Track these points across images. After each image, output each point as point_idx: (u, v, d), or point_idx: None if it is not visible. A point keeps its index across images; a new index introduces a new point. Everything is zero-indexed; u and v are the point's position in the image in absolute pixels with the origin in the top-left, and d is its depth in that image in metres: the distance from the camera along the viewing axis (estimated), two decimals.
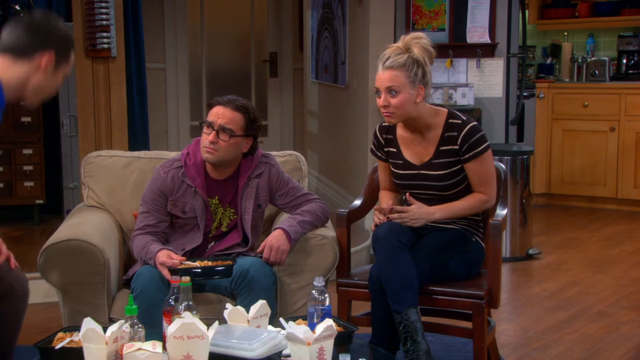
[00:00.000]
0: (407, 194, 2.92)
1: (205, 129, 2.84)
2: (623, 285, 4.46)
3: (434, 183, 2.87)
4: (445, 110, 2.90)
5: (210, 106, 2.87)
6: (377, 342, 2.78)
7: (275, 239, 2.81)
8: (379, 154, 3.02)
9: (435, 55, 2.87)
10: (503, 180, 3.06)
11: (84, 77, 4.44)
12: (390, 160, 2.98)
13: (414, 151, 2.91)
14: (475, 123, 2.86)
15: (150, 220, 2.89)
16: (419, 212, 2.83)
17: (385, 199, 3.01)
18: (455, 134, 2.83)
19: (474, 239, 2.94)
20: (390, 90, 2.78)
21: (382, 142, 2.98)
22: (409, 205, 2.89)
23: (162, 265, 2.72)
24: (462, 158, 2.83)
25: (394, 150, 2.95)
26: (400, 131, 2.94)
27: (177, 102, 7.45)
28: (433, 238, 2.86)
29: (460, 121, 2.85)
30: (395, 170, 2.95)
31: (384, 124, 2.97)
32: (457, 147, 2.83)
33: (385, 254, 2.74)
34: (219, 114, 2.83)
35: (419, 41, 2.83)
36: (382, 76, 2.80)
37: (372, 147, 3.04)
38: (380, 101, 2.81)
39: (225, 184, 2.92)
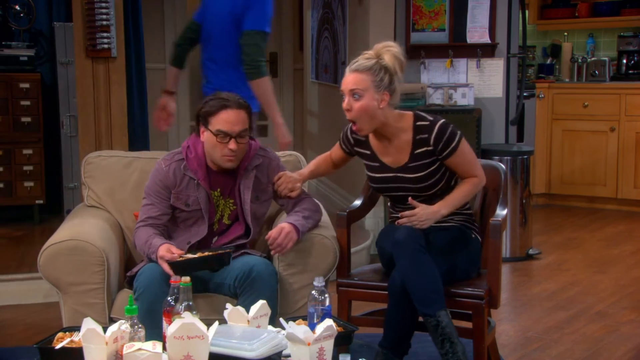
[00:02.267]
0: (410, 198, 2.90)
1: (220, 139, 2.80)
2: (623, 286, 4.46)
3: (412, 185, 2.88)
4: (410, 113, 2.89)
5: (210, 114, 2.80)
6: (388, 345, 2.77)
7: (284, 225, 2.82)
8: (344, 147, 3.04)
9: (405, 65, 2.86)
10: (503, 181, 3.07)
11: (84, 77, 4.45)
12: (364, 162, 2.98)
13: (388, 157, 2.91)
14: (442, 120, 2.85)
15: (153, 212, 2.89)
16: (425, 214, 2.82)
17: (319, 161, 3.08)
18: (426, 135, 2.83)
19: (472, 236, 2.95)
20: (354, 94, 2.77)
21: (352, 141, 2.99)
22: (404, 208, 2.89)
23: (162, 259, 2.73)
24: (439, 157, 2.84)
25: (367, 152, 2.95)
26: (370, 139, 2.94)
27: (177, 102, 7.43)
28: (440, 239, 2.86)
29: (427, 122, 2.84)
30: (371, 174, 2.96)
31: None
32: (431, 147, 2.83)
33: (408, 259, 2.72)
34: (232, 121, 2.79)
35: (390, 49, 2.83)
36: (347, 78, 2.80)
37: (341, 138, 3.04)
38: (343, 104, 2.81)
39: (226, 176, 2.93)
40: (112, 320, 2.72)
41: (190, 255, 2.74)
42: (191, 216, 2.91)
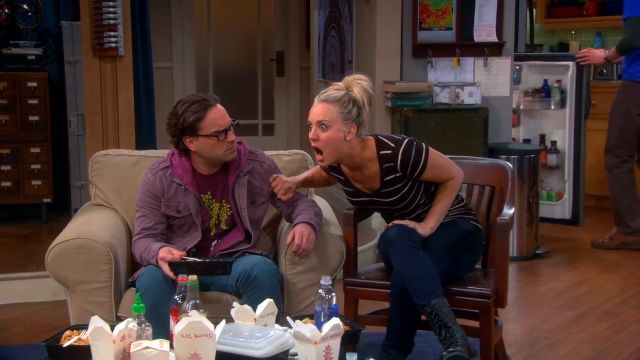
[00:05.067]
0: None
1: (220, 138, 2.81)
2: (631, 285, 4.45)
3: (390, 207, 2.91)
4: (372, 139, 2.86)
5: (197, 121, 2.78)
6: (391, 344, 2.78)
7: (302, 227, 2.82)
8: (323, 168, 3.04)
9: (374, 98, 2.86)
10: (510, 180, 3.06)
11: (92, 76, 4.45)
12: (341, 186, 3.00)
13: (361, 183, 2.92)
14: (404, 144, 2.82)
15: (147, 223, 2.89)
16: (414, 224, 2.85)
17: (315, 171, 3.08)
18: (392, 164, 2.82)
19: (472, 226, 2.96)
20: (321, 125, 2.77)
21: (326, 167, 2.99)
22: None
23: (162, 260, 2.73)
24: (412, 178, 2.84)
25: (342, 178, 2.97)
26: (342, 166, 2.94)
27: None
28: (441, 236, 2.87)
29: (390, 151, 2.82)
30: (348, 197, 3.00)
31: None
32: (399, 173, 2.83)
33: (401, 256, 2.75)
34: (221, 116, 2.83)
35: (360, 82, 2.82)
36: (315, 109, 2.80)
37: None
38: (310, 134, 2.81)
39: (214, 179, 2.92)
40: (119, 319, 2.72)
41: (191, 259, 2.75)
42: (184, 222, 2.91)
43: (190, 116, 2.79)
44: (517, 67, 5.58)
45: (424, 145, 2.84)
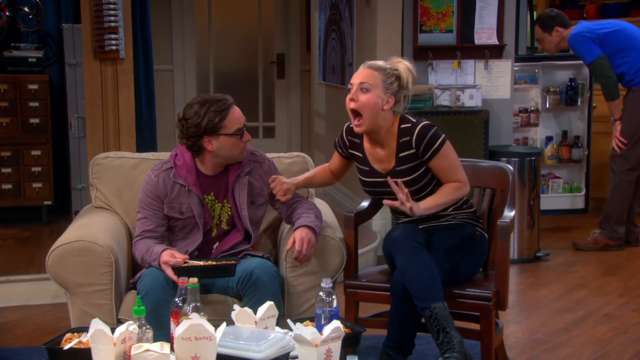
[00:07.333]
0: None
1: (240, 136, 2.86)
2: (632, 288, 4.44)
3: None
4: (398, 115, 2.92)
5: (220, 120, 2.81)
6: (392, 345, 2.78)
7: (303, 232, 2.83)
8: (340, 150, 3.07)
9: (416, 81, 2.94)
10: (511, 182, 3.06)
11: (92, 78, 4.46)
12: (356, 165, 3.02)
13: (378, 163, 2.94)
14: (425, 122, 2.88)
15: (148, 225, 2.89)
16: (415, 209, 2.82)
17: (317, 170, 3.13)
18: (408, 138, 2.86)
19: (477, 233, 2.95)
20: (362, 87, 2.82)
21: (347, 143, 3.02)
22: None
23: (166, 264, 2.73)
24: (423, 159, 2.86)
25: (360, 155, 2.98)
26: (364, 142, 2.96)
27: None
28: (445, 238, 2.87)
29: (410, 124, 2.87)
30: (362, 177, 3.00)
31: (351, 125, 2.96)
32: (413, 150, 2.85)
33: (405, 256, 2.75)
34: (240, 115, 2.88)
35: (405, 62, 2.90)
36: (359, 73, 2.87)
37: (335, 142, 3.08)
38: (350, 94, 2.84)
39: (217, 179, 2.93)
40: (120, 321, 2.72)
41: (195, 262, 2.75)
42: (187, 223, 2.91)
43: (215, 116, 2.81)
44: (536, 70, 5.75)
45: (443, 134, 2.87)
